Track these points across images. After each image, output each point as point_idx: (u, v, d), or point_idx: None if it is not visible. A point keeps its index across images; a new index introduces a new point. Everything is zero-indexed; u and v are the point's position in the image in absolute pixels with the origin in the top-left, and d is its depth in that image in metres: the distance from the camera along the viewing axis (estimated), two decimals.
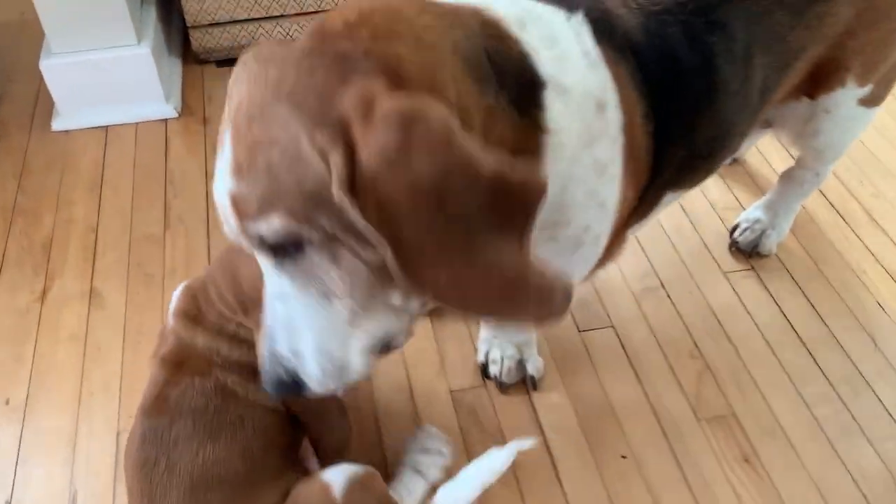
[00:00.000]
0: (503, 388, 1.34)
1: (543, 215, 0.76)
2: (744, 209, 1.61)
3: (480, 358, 1.36)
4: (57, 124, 1.79)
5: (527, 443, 1.16)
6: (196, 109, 1.85)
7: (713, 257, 1.57)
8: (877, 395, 1.35)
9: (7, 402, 1.31)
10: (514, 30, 0.83)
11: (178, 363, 0.97)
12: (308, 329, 0.77)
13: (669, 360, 1.39)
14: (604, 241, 0.99)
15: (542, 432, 1.28)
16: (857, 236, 1.61)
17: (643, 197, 1.03)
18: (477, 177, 0.68)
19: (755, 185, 1.70)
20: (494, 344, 1.34)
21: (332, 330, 0.77)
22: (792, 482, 1.23)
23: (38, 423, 1.28)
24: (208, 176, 1.69)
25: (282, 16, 1.93)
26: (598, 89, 0.88)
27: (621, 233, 1.05)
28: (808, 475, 1.24)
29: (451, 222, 0.68)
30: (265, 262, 0.77)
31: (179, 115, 1.83)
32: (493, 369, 1.34)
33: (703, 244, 1.59)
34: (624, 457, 1.26)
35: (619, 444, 1.28)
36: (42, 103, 1.84)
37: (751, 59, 1.04)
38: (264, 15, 1.92)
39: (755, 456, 1.26)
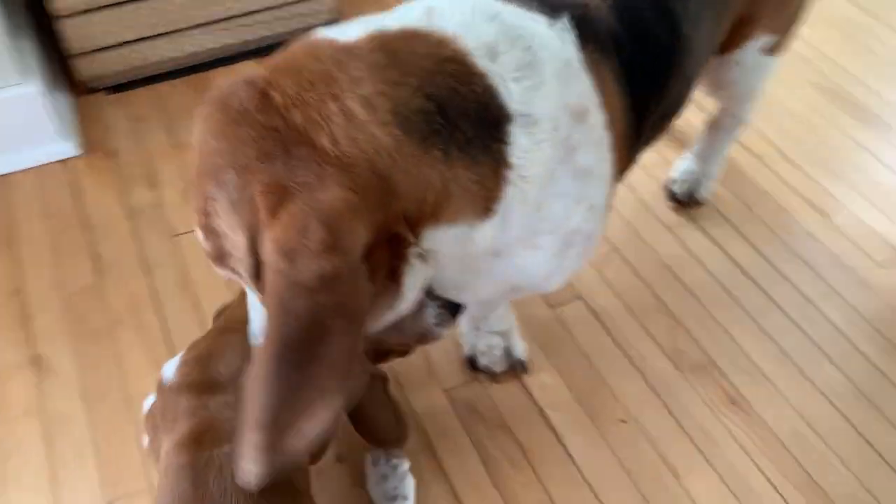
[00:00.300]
0: (493, 376, 1.34)
1: (518, 232, 0.85)
2: (671, 164, 1.68)
3: (467, 352, 1.35)
4: None
5: None
6: (100, 143, 1.72)
7: (655, 215, 1.63)
8: (827, 318, 1.46)
9: None
10: (483, 63, 0.79)
11: (198, 441, 0.89)
12: None
13: (640, 320, 1.44)
14: (597, 236, 0.98)
15: (543, 413, 1.30)
16: (777, 175, 1.72)
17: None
18: (322, 318, 0.69)
19: (677, 141, 1.77)
20: (479, 336, 1.34)
21: None
22: (777, 414, 1.31)
23: None
24: (133, 211, 1.58)
25: (174, 31, 1.81)
26: (577, 101, 0.87)
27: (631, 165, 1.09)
28: (789, 404, 1.33)
29: (283, 341, 0.69)
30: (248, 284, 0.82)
31: (83, 153, 1.69)
32: (483, 360, 1.34)
33: (642, 204, 1.65)
34: (623, 421, 1.30)
35: (615, 409, 1.31)
36: None
37: (701, 19, 1.09)
38: (153, 33, 1.80)
39: (740, 396, 1.34)
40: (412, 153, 0.73)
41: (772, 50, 1.35)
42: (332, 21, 1.94)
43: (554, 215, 0.89)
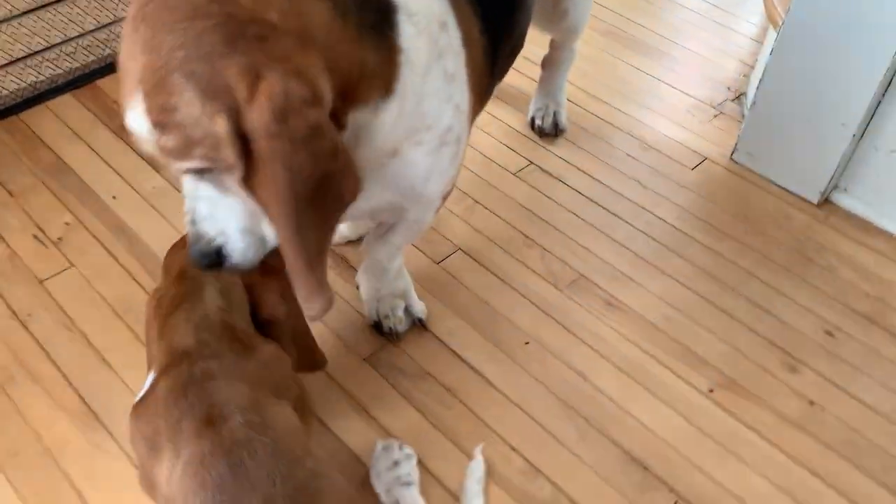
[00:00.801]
0: (398, 336, 1.43)
1: (409, 122, 0.99)
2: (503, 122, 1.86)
3: (372, 317, 1.43)
4: None
5: (479, 448, 1.25)
6: None
7: (501, 167, 1.79)
8: (663, 220, 1.70)
9: None
10: None
11: (211, 423, 0.87)
12: (231, 216, 0.92)
13: (514, 255, 1.59)
14: (464, 139, 1.14)
15: (456, 354, 1.41)
16: (588, 111, 1.95)
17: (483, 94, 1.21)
18: (318, 165, 0.81)
19: (502, 101, 1.95)
20: (381, 301, 1.42)
21: (250, 215, 0.91)
22: (646, 305, 1.52)
23: None
24: None
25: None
26: (440, 12, 1.03)
27: (488, 97, 1.26)
28: (654, 295, 1.54)
29: (288, 192, 0.81)
30: (188, 179, 0.90)
31: None
32: (387, 323, 1.42)
33: (489, 160, 1.80)
34: (527, 343, 1.44)
35: (517, 336, 1.45)
36: None
37: None
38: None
39: (613, 299, 1.53)
40: (340, 29, 0.85)
41: None
42: None
43: (431, 111, 1.04)
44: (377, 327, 1.44)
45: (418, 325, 1.45)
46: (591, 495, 1.24)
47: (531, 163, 1.81)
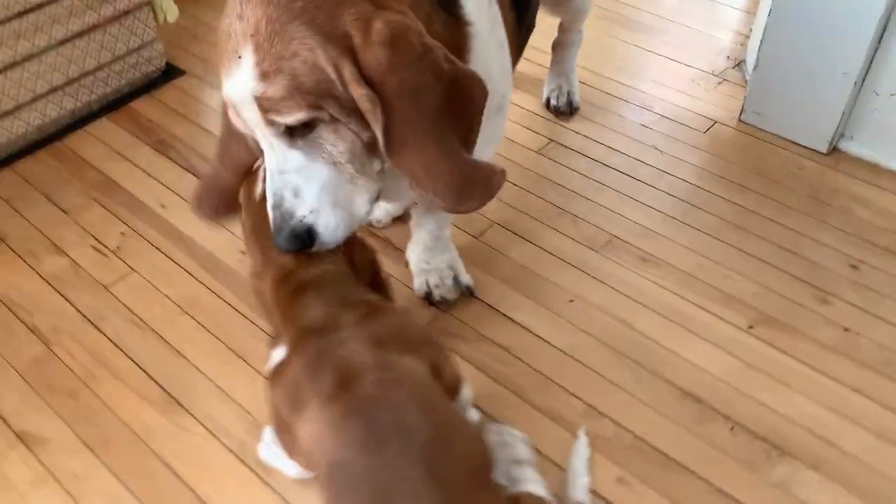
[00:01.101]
0: (449, 304, 1.51)
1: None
2: (520, 107, 1.95)
3: (423, 289, 1.51)
4: None
5: (582, 429, 1.30)
6: None
7: (523, 146, 1.88)
8: (684, 180, 1.79)
9: None
10: None
11: (345, 386, 0.93)
12: (321, 189, 0.97)
13: (547, 224, 1.68)
14: (507, 101, 1.24)
15: (507, 316, 1.49)
16: (600, 90, 2.05)
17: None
18: (441, 76, 0.91)
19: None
20: (429, 272, 1.50)
21: (340, 188, 0.98)
22: (678, 257, 1.60)
23: None
24: (53, 279, 1.56)
25: (17, 108, 1.79)
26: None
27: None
28: (684, 247, 1.63)
29: (425, 114, 0.91)
30: (279, 144, 0.95)
31: None
32: (437, 292, 1.51)
33: (507, 140, 1.90)
34: (571, 301, 1.53)
35: (562, 295, 1.54)
36: None
37: None
38: None
39: (646, 254, 1.61)
40: (421, 3, 0.96)
41: None
42: (165, 66, 2.02)
43: (494, 76, 1.12)
44: (428, 297, 1.52)
45: (466, 293, 1.53)
46: (652, 430, 1.31)
47: (551, 140, 1.90)
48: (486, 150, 1.22)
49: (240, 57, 0.90)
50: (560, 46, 1.94)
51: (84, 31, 1.86)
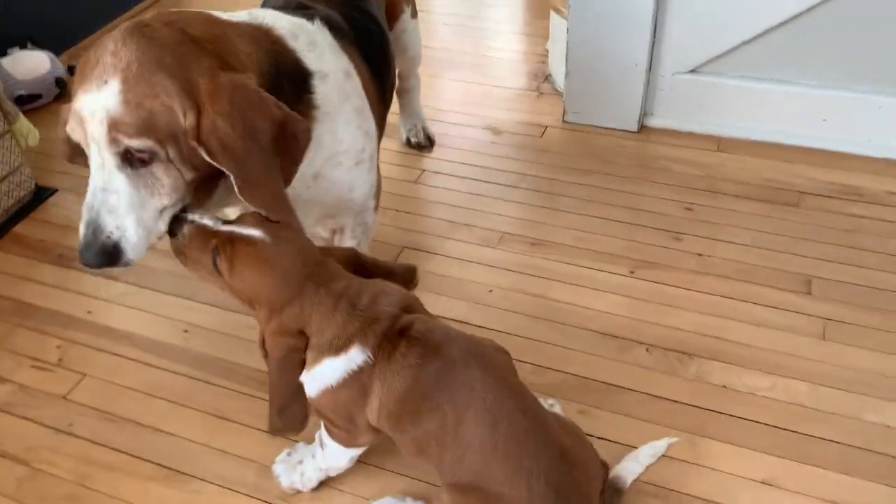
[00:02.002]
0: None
1: (327, 152, 1.32)
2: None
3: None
4: None
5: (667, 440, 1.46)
6: None
7: (400, 179, 2.14)
8: (536, 175, 2.12)
9: None
10: (290, 42, 1.27)
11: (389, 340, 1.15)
12: (132, 211, 1.10)
13: (446, 236, 1.94)
14: (376, 156, 1.48)
15: (445, 317, 1.72)
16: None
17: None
18: (273, 119, 1.12)
19: None
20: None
21: (150, 213, 1.12)
22: (560, 234, 1.92)
23: None
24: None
25: None
26: (344, 66, 1.37)
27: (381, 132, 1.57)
28: (561, 227, 1.95)
29: (255, 152, 1.11)
30: (111, 164, 1.08)
31: None
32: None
33: (387, 178, 2.13)
34: (490, 290, 1.78)
35: (481, 288, 1.79)
36: None
37: (381, 19, 1.65)
38: None
39: (536, 239, 1.92)
40: (268, 83, 1.16)
41: (412, 15, 1.99)
42: (35, 188, 2.06)
43: (346, 139, 1.36)
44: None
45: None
46: (588, 368, 1.59)
47: (423, 170, 2.17)
48: (353, 194, 1.42)
49: (106, 82, 1.05)
50: (405, 92, 2.23)
51: None
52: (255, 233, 1.12)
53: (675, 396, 1.53)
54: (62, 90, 2.50)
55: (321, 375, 1.15)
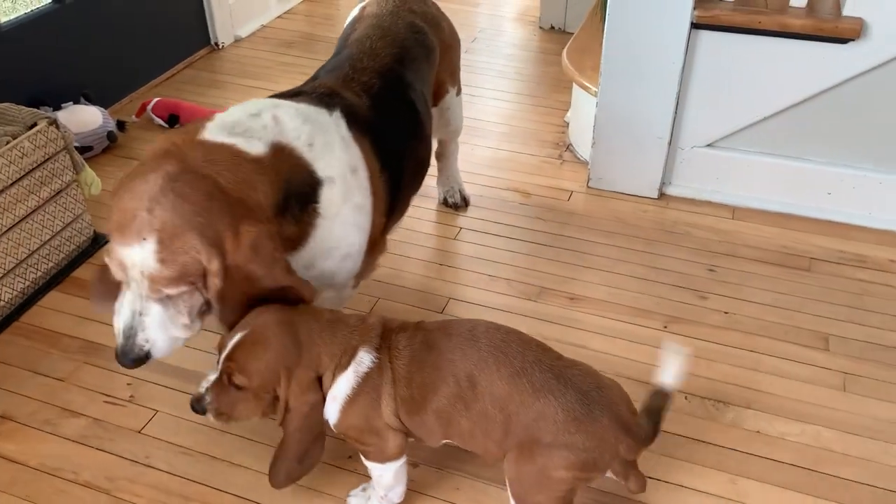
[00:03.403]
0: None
1: (320, 248, 1.45)
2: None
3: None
4: None
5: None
6: None
7: (440, 236, 2.28)
8: (567, 235, 2.28)
9: None
10: (305, 152, 1.41)
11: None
12: (162, 331, 1.31)
13: (488, 289, 2.07)
14: (364, 250, 1.57)
15: None
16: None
17: (400, 199, 1.69)
18: (276, 281, 1.31)
19: None
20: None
21: (178, 327, 1.32)
22: (596, 290, 2.07)
23: None
24: (82, 437, 1.65)
25: None
26: (352, 161, 1.50)
27: (382, 239, 1.70)
28: (594, 284, 2.09)
29: (243, 298, 1.31)
30: (148, 299, 1.27)
31: None
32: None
33: (427, 234, 2.29)
34: None
35: None
36: None
37: (425, 95, 1.80)
38: None
39: (573, 294, 2.06)
40: (272, 219, 1.33)
41: (458, 93, 2.16)
42: (93, 235, 2.17)
43: (341, 236, 1.49)
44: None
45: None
46: None
47: (461, 228, 2.32)
48: (335, 279, 1.54)
49: (145, 239, 1.21)
50: (443, 157, 2.38)
51: (28, 214, 1.98)
52: (237, 337, 1.29)
53: (713, 440, 1.66)
54: (112, 142, 2.63)
55: (339, 392, 1.31)
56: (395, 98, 1.69)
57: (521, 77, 3.27)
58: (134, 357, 1.30)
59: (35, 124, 1.98)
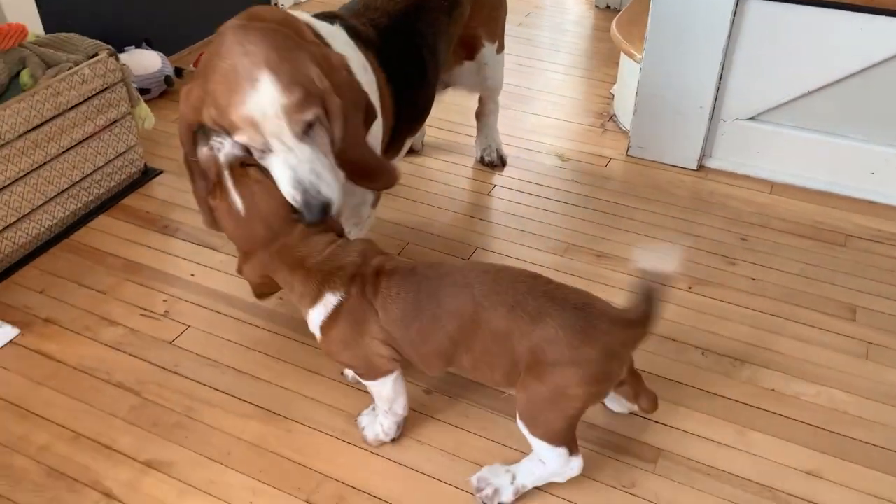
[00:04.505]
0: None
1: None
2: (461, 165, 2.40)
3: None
4: None
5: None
6: (32, 319, 1.81)
7: (474, 191, 2.33)
8: (600, 198, 2.30)
9: None
10: (320, 30, 1.47)
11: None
12: (328, 170, 1.31)
13: (517, 242, 2.11)
14: (381, 138, 1.63)
15: None
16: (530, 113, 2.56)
17: (395, 136, 1.73)
18: (361, 94, 1.41)
19: (450, 147, 2.50)
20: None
21: (328, 169, 1.31)
22: (625, 249, 2.08)
23: None
24: (116, 344, 1.75)
25: (31, 212, 1.98)
26: (361, 60, 1.55)
27: (399, 146, 1.79)
28: (623, 243, 2.11)
29: (359, 121, 1.37)
30: (295, 142, 1.26)
31: (22, 332, 1.78)
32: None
33: (461, 189, 2.33)
34: None
35: None
36: None
37: (436, 47, 1.83)
38: (13, 220, 1.94)
39: (600, 252, 2.08)
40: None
41: (498, 50, 2.19)
42: (143, 167, 2.27)
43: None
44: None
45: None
46: (648, 365, 1.74)
47: (495, 185, 2.36)
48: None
49: (258, 79, 1.20)
50: (482, 115, 2.43)
51: (85, 139, 2.09)
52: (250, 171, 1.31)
53: (727, 394, 1.67)
54: (168, 87, 2.74)
55: (316, 317, 1.36)
56: (401, 39, 1.71)
57: (573, 51, 3.28)
58: (318, 207, 1.28)
59: (96, 54, 2.09)
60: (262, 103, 1.21)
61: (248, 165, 1.30)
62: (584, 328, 1.26)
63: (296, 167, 1.28)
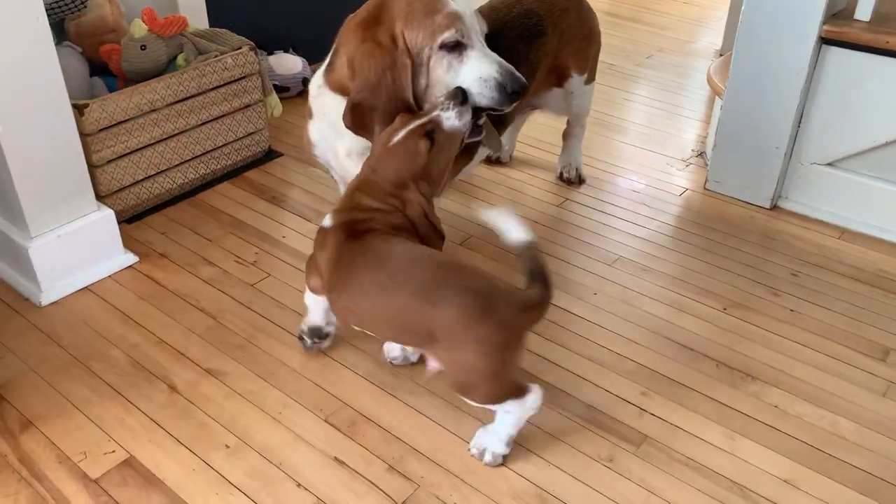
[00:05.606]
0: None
1: None
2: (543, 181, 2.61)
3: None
4: (45, 298, 2.00)
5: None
6: (148, 253, 2.21)
7: (545, 202, 2.52)
8: (667, 223, 2.42)
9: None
10: None
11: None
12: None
13: (570, 248, 2.28)
14: None
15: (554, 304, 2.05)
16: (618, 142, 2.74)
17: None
18: None
19: (536, 162, 2.72)
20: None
21: None
22: (673, 268, 2.20)
23: None
24: (210, 280, 2.10)
25: (170, 168, 2.40)
26: None
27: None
28: (675, 264, 2.23)
29: None
30: (483, 46, 1.69)
31: (140, 261, 2.18)
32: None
33: (535, 199, 2.53)
34: (595, 293, 2.10)
35: (587, 290, 2.11)
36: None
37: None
38: (156, 171, 2.37)
39: (647, 266, 2.21)
40: None
41: (587, 82, 2.39)
42: (267, 149, 2.64)
43: None
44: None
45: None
46: (663, 366, 1.85)
47: (567, 199, 2.55)
48: None
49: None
50: (568, 136, 2.62)
51: (220, 116, 2.50)
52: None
53: (728, 402, 1.76)
54: (305, 88, 3.16)
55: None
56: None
57: (679, 91, 3.40)
58: (521, 85, 1.66)
59: (240, 48, 2.51)
60: (461, 2, 1.66)
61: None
62: (483, 312, 1.42)
63: (494, 58, 1.68)
